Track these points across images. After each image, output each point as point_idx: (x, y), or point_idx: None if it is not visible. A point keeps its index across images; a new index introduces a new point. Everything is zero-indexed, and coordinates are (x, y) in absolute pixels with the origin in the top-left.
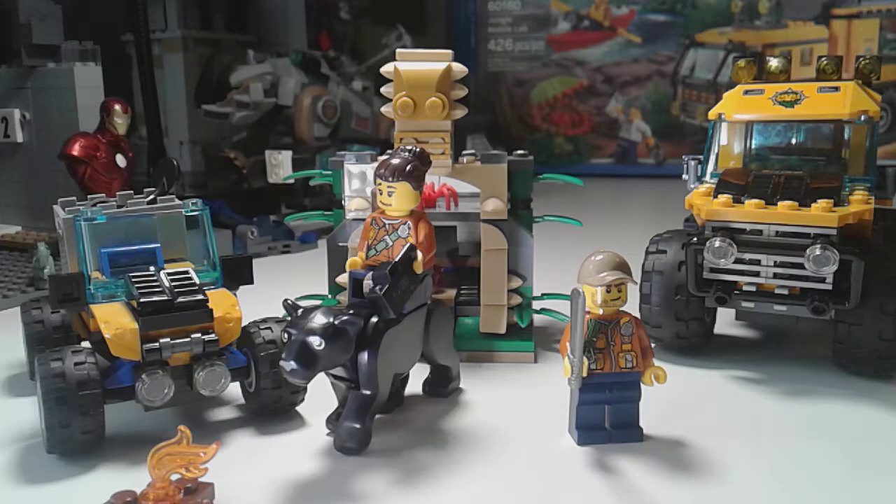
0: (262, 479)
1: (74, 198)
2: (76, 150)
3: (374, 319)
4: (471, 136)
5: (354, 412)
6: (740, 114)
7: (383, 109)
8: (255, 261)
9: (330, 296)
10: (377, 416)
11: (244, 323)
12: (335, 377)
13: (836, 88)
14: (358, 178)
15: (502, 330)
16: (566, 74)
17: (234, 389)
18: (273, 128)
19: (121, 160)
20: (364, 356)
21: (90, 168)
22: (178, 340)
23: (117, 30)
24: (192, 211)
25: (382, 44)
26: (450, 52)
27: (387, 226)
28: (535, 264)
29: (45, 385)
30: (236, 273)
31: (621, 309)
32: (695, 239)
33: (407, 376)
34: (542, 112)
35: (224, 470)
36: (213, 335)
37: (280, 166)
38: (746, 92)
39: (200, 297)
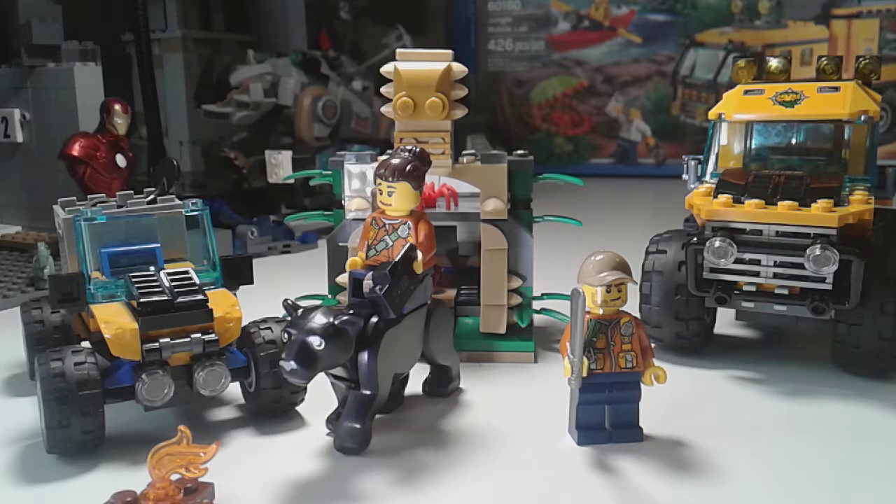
0: (262, 479)
1: (74, 198)
2: (76, 150)
3: (374, 319)
4: (471, 136)
5: (354, 412)
6: (740, 114)
7: (383, 109)
8: (255, 261)
9: (330, 296)
10: (377, 416)
11: (244, 323)
12: (335, 377)
13: (836, 88)
14: (358, 178)
15: (502, 330)
16: (566, 74)
17: (234, 389)
18: (273, 128)
19: (121, 160)
20: (364, 356)
21: (90, 168)
22: (178, 340)
23: (117, 30)
24: (192, 211)
25: (382, 44)
26: (450, 52)
27: (387, 226)
28: (535, 264)
29: (45, 385)
30: (236, 273)
31: (621, 309)
32: (695, 239)
33: (407, 376)
34: (542, 112)
35: (224, 470)
36: (213, 335)
37: (280, 166)
38: (746, 92)
39: (200, 297)
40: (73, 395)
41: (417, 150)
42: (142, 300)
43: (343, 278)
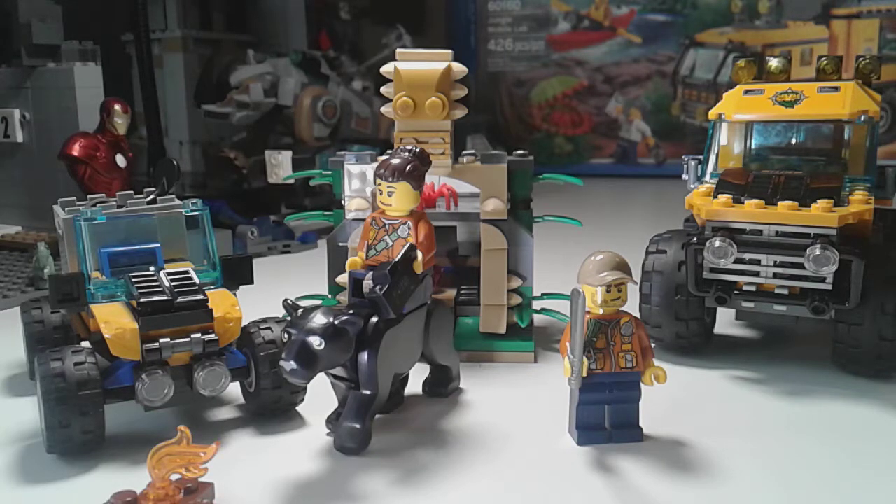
0: (262, 479)
1: (74, 198)
2: (76, 150)
3: (374, 319)
4: (471, 136)
5: (354, 412)
6: (740, 114)
7: (383, 109)
8: (255, 261)
9: (330, 296)
10: (377, 416)
11: (244, 323)
12: (335, 377)
13: (836, 88)
14: (358, 178)
15: (502, 330)
16: (566, 74)
17: (234, 389)
18: (273, 128)
19: (121, 160)
20: (364, 356)
21: (90, 168)
22: (178, 340)
23: (117, 30)
24: (192, 211)
25: (382, 44)
26: (450, 52)
27: (387, 226)
28: (535, 264)
29: (45, 385)
30: (236, 273)
31: (621, 309)
32: (695, 239)
33: (407, 376)
34: (542, 112)
35: (224, 470)
36: (213, 335)
37: (280, 166)
38: (746, 92)
39: (200, 297)
40: (73, 395)
41: (417, 150)
42: (142, 300)
43: (343, 278)
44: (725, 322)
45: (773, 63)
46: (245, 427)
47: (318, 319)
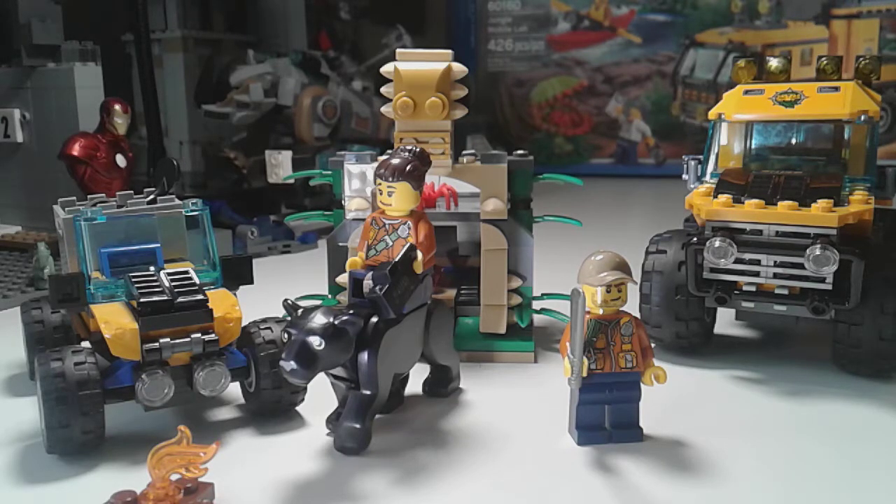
0: (262, 479)
1: (74, 198)
2: (76, 150)
3: (374, 319)
4: (471, 136)
5: (354, 412)
6: (740, 114)
7: (383, 109)
8: (255, 261)
9: (330, 296)
10: (377, 416)
11: (244, 323)
12: (335, 377)
13: (836, 88)
14: (358, 178)
15: (502, 330)
16: (566, 74)
17: (234, 389)
18: (273, 128)
19: (121, 160)
20: (364, 356)
21: (90, 168)
22: (178, 340)
23: (117, 30)
24: (192, 211)
25: (382, 44)
26: (450, 52)
27: (387, 226)
28: (535, 264)
29: (45, 385)
30: (236, 273)
31: (621, 309)
32: (695, 239)
33: (407, 376)
34: (542, 112)
35: (224, 470)
36: (213, 335)
37: (280, 166)
38: (746, 92)
39: (200, 297)
40: (73, 395)
41: (417, 150)
42: (142, 300)
43: (343, 278)
44: (725, 322)
45: (773, 63)
46: (245, 427)
47: (318, 319)
